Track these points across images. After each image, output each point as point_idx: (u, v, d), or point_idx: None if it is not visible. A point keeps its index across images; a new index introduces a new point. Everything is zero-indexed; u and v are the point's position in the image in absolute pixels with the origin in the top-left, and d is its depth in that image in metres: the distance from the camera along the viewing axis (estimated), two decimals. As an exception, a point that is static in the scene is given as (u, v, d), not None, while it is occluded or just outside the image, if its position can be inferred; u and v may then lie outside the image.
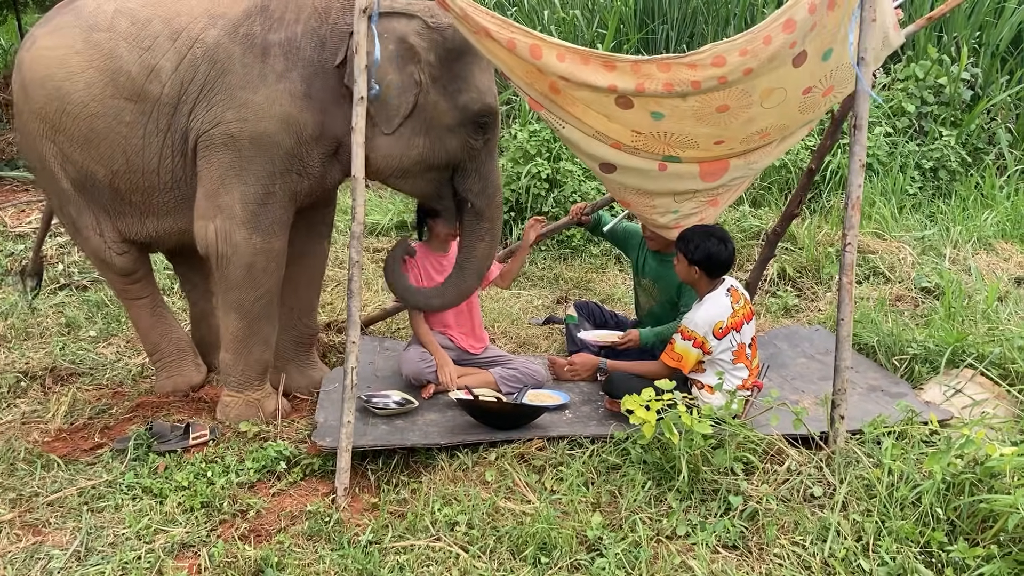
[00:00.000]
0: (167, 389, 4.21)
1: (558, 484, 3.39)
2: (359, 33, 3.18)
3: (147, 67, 3.55)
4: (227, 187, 3.59)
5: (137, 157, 3.66)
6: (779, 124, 3.48)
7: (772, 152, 3.80)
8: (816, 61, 3.18)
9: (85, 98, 3.59)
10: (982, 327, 4.70)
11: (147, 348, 4.28)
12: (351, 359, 3.35)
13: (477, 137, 3.73)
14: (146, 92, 3.56)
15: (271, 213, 3.66)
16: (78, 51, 3.59)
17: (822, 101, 3.42)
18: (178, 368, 4.24)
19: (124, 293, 4.15)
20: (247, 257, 3.68)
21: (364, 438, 3.60)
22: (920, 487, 3.04)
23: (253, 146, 3.53)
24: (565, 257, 6.60)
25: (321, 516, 3.23)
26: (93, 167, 3.72)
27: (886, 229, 6.45)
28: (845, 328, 3.45)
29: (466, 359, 4.32)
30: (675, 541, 3.05)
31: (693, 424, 3.23)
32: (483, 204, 3.86)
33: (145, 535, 3.13)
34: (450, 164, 3.77)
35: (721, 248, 3.74)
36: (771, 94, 3.25)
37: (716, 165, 3.64)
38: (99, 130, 3.62)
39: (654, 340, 4.20)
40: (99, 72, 3.57)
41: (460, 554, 2.99)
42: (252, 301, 3.79)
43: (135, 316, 4.21)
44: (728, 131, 3.41)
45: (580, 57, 3.17)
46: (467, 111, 3.64)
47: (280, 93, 3.49)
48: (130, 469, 3.56)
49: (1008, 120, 8.03)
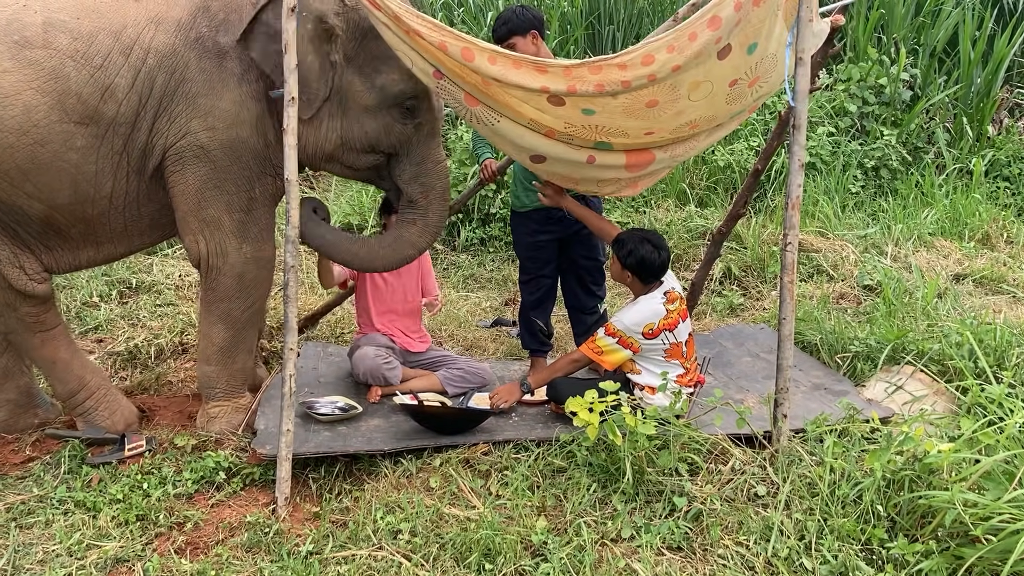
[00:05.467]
0: (119, 427, 3.78)
1: (503, 489, 3.36)
2: (287, 32, 3.11)
3: (101, 87, 3.22)
4: (208, 200, 3.46)
5: (88, 185, 3.34)
6: (708, 115, 3.52)
7: (698, 144, 3.83)
8: (741, 54, 3.21)
9: (24, 124, 3.16)
10: (922, 324, 4.77)
11: (69, 387, 3.73)
12: (289, 366, 3.28)
13: (405, 121, 3.63)
14: (100, 114, 3.25)
15: (258, 220, 3.59)
16: (7, 70, 3.13)
17: (748, 92, 3.45)
18: (115, 400, 3.84)
19: (37, 326, 3.61)
20: (238, 267, 3.60)
21: (305, 445, 3.54)
22: (861, 485, 3.07)
23: (226, 154, 3.41)
24: (514, 259, 6.55)
25: (260, 527, 3.17)
26: (24, 202, 3.31)
27: (829, 228, 6.54)
28: (787, 327, 3.46)
29: (410, 359, 4.27)
30: (620, 544, 3.04)
31: (637, 425, 3.22)
32: (416, 193, 3.76)
33: (77, 551, 3.04)
34: (376, 148, 3.66)
35: (655, 254, 3.74)
36: (698, 87, 3.28)
37: (642, 156, 3.66)
38: (42, 159, 3.22)
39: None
40: (40, 94, 3.15)
41: (403, 563, 2.94)
42: (241, 311, 3.71)
43: (51, 351, 3.67)
44: (658, 123, 3.44)
45: (512, 61, 3.17)
46: (386, 92, 3.54)
47: (245, 96, 3.40)
48: (62, 483, 3.45)
49: (946, 120, 8.21)
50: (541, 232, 4.35)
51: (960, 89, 8.23)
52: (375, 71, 3.53)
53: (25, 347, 3.69)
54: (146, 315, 5.16)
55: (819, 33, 3.66)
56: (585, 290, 4.49)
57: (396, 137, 3.66)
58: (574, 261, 4.44)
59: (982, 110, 8.13)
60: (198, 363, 3.89)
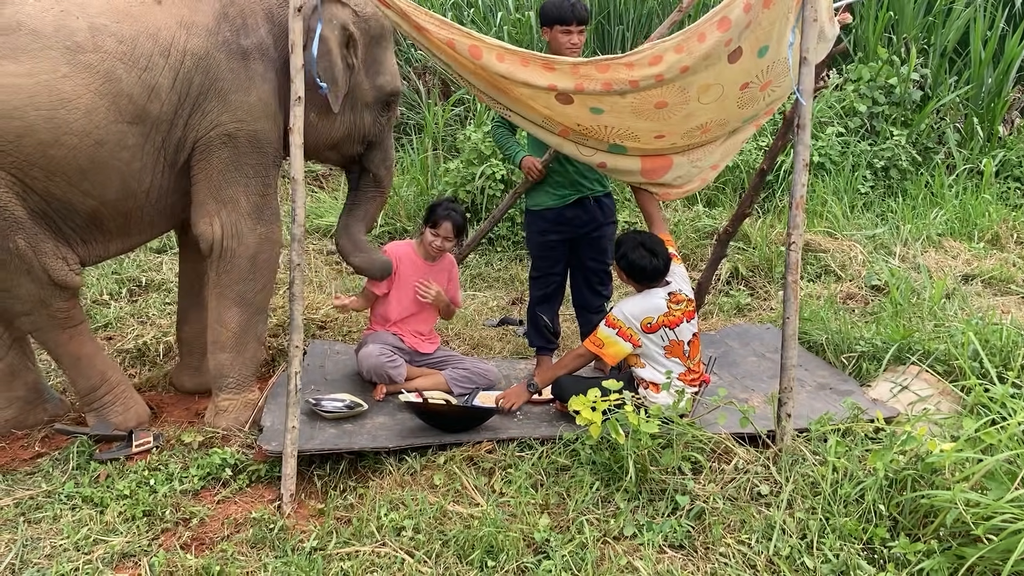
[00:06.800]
0: (131, 424, 3.83)
1: (507, 487, 3.38)
2: (294, 32, 3.20)
3: (148, 87, 3.41)
4: (229, 180, 3.68)
5: (133, 180, 3.52)
6: (719, 119, 3.51)
7: (717, 150, 3.82)
8: (752, 58, 3.21)
9: (87, 126, 3.30)
10: (929, 324, 4.77)
11: (91, 382, 3.79)
12: (294, 364, 3.31)
13: (384, 114, 4.15)
14: (147, 112, 3.43)
15: (271, 203, 3.84)
16: (66, 75, 3.24)
17: (760, 96, 3.45)
18: (131, 397, 3.91)
19: (66, 322, 3.67)
20: (253, 248, 3.77)
21: (311, 442, 3.56)
22: (863, 484, 3.07)
23: (250, 143, 3.67)
24: (521, 258, 6.58)
25: (265, 523, 3.19)
26: (77, 199, 3.45)
27: (837, 228, 6.53)
28: (791, 326, 3.47)
29: (418, 360, 4.30)
30: (622, 542, 3.05)
31: (640, 424, 3.23)
32: (383, 173, 4.31)
33: (84, 545, 3.06)
34: (365, 138, 4.14)
35: (647, 260, 3.73)
36: (708, 90, 3.28)
37: (658, 161, 3.66)
38: (100, 159, 3.37)
39: None
40: (98, 96, 3.30)
41: (406, 559, 2.96)
42: (255, 293, 3.86)
43: (77, 347, 3.74)
44: (668, 126, 3.45)
45: (520, 59, 3.19)
46: (382, 91, 4.04)
47: (268, 94, 3.67)
48: (70, 478, 3.48)
49: (956, 120, 8.18)
50: (552, 232, 4.37)
51: (971, 89, 8.20)
52: (377, 72, 4.01)
53: (52, 344, 3.74)
54: (155, 313, 5.19)
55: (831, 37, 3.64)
56: (591, 290, 4.51)
57: (378, 127, 4.17)
58: (582, 262, 4.46)
59: (993, 110, 8.10)
60: (211, 352, 3.93)
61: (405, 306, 4.28)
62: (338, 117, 3.94)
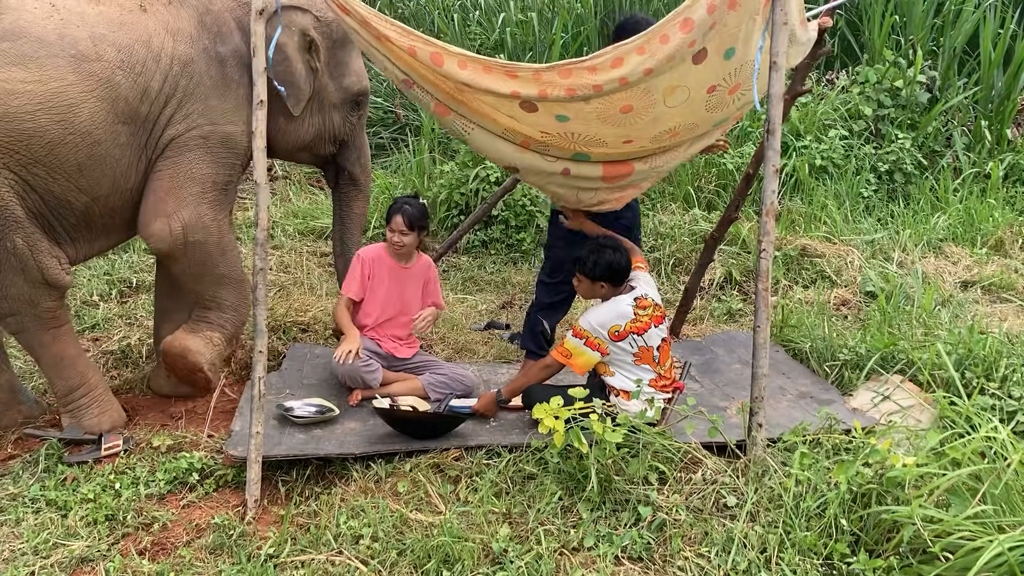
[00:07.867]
0: (105, 427, 3.84)
1: (472, 495, 3.34)
2: (255, 35, 3.22)
3: (141, 90, 3.64)
4: (196, 179, 3.82)
5: (122, 177, 3.71)
6: (688, 123, 3.46)
7: (679, 155, 3.77)
8: (718, 60, 3.16)
9: (89, 127, 3.50)
10: (918, 332, 4.68)
11: (71, 383, 3.81)
12: (258, 369, 3.30)
13: (354, 114, 4.40)
14: (138, 113, 3.66)
15: (229, 199, 4.05)
16: (72, 83, 3.44)
17: (729, 99, 3.39)
18: (107, 401, 3.93)
19: (52, 322, 3.72)
20: (216, 234, 3.93)
21: (277, 448, 3.55)
22: (825, 497, 3.00)
23: (222, 143, 3.87)
24: (515, 261, 6.55)
25: (226, 529, 3.18)
26: (73, 196, 3.60)
27: (836, 232, 6.43)
28: (762, 335, 3.41)
29: (396, 364, 4.27)
30: (580, 553, 3.01)
31: (604, 433, 3.18)
32: (358, 171, 4.59)
33: (43, 550, 3.07)
34: (336, 138, 4.38)
35: (618, 256, 3.71)
36: (673, 92, 3.23)
37: (620, 168, 3.62)
38: (96, 156, 3.57)
39: None
40: (100, 101, 3.52)
41: (360, 568, 2.94)
42: (230, 269, 4.05)
43: (60, 348, 3.78)
44: (635, 130, 3.39)
45: (482, 66, 3.16)
46: (349, 91, 4.30)
47: (243, 99, 3.87)
48: (37, 481, 3.49)
49: (965, 123, 8.04)
50: (570, 239, 4.24)
51: (980, 92, 8.06)
52: (342, 74, 4.27)
53: (35, 344, 3.77)
54: (144, 314, 5.20)
55: (804, 41, 3.59)
56: None
57: (349, 127, 4.41)
58: None
59: (1002, 113, 7.95)
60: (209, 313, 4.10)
61: (381, 311, 4.25)
62: (306, 119, 4.17)
